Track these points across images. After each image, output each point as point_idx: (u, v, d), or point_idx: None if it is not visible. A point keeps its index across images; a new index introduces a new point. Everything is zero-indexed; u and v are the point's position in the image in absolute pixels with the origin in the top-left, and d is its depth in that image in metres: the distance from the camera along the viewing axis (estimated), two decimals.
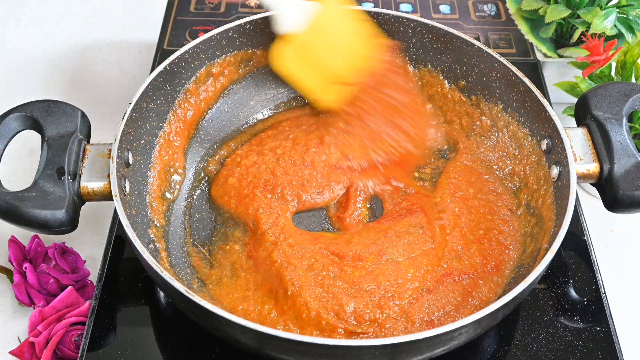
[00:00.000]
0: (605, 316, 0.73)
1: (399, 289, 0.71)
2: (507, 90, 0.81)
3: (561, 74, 0.98)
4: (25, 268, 0.78)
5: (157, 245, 0.73)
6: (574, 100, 0.90)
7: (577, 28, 0.93)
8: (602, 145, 0.74)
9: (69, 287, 0.77)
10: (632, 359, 0.77)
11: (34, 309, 0.77)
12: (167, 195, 0.79)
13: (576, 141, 0.75)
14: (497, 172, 0.82)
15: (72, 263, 0.81)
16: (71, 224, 0.69)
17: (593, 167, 0.73)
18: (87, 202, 0.73)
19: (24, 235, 0.82)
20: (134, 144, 0.75)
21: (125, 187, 0.71)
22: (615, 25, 0.89)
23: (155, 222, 0.76)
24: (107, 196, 0.71)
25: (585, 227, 0.80)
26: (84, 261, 0.83)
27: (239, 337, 0.62)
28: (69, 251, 0.82)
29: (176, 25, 1.02)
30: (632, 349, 0.78)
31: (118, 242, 0.78)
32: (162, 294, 0.74)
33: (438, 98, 0.87)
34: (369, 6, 1.05)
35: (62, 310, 0.76)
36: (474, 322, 0.60)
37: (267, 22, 0.84)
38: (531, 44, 0.99)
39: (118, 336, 0.71)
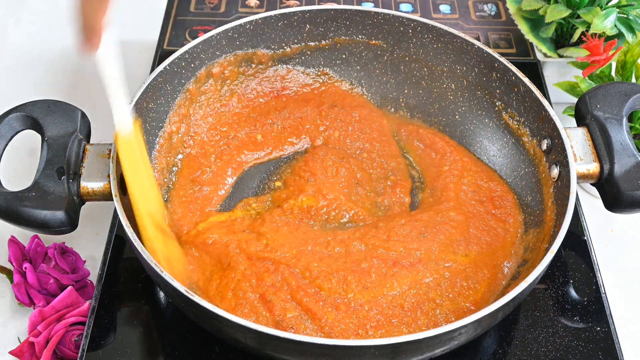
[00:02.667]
0: (605, 316, 0.73)
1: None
2: (507, 90, 0.81)
3: (561, 74, 0.98)
4: (25, 268, 0.78)
5: None
6: (574, 100, 0.90)
7: (577, 28, 0.93)
8: (603, 145, 0.73)
9: (69, 287, 0.77)
10: (632, 359, 0.77)
11: (34, 309, 0.77)
12: (167, 195, 0.79)
13: (576, 141, 0.75)
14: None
15: (72, 263, 0.81)
16: (71, 224, 0.69)
17: (593, 167, 0.73)
18: (87, 203, 0.73)
19: (24, 235, 0.81)
20: None
21: (125, 187, 0.71)
22: (615, 25, 0.89)
23: None
24: (107, 196, 0.70)
25: (586, 227, 0.80)
26: (84, 261, 0.83)
27: (239, 337, 0.62)
28: (69, 251, 0.82)
29: (176, 25, 1.02)
30: (632, 349, 0.77)
31: (118, 242, 0.78)
32: (162, 294, 0.74)
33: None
34: (369, 6, 1.05)
35: (62, 310, 0.76)
36: (474, 322, 0.60)
37: (267, 22, 0.84)
38: (531, 43, 0.99)
39: (118, 336, 0.71)
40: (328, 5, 0.86)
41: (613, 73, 0.89)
